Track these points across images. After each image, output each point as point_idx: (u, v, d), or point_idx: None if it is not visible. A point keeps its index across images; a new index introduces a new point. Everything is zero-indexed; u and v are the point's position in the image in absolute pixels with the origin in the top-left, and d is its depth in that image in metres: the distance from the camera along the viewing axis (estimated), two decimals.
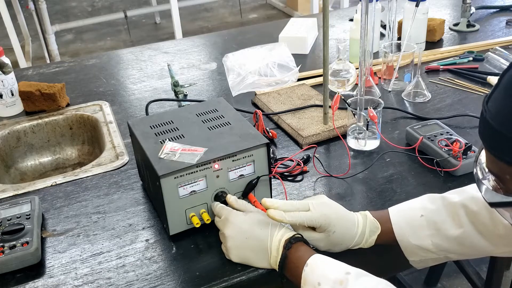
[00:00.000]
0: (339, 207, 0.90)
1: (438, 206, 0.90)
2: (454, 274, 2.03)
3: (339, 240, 0.88)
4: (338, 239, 0.88)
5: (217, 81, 1.59)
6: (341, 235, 0.87)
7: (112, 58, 1.81)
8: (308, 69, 1.60)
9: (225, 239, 0.88)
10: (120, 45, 4.59)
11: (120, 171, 1.18)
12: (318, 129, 1.25)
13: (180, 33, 3.77)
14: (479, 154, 0.67)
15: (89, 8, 5.53)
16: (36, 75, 1.68)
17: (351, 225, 0.88)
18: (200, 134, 1.00)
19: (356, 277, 0.75)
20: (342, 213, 0.89)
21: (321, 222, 0.86)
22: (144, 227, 1.00)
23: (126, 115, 1.42)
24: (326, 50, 1.18)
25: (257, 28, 2.11)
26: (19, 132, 1.39)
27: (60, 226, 1.02)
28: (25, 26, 4.21)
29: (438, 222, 0.89)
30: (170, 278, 0.88)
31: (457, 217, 0.88)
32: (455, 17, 1.94)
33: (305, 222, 0.85)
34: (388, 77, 1.48)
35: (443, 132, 1.17)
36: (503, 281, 1.46)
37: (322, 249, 0.88)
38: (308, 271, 0.79)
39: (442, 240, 0.88)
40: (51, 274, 0.91)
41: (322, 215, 0.86)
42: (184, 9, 4.68)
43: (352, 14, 1.87)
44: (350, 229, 0.88)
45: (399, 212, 0.92)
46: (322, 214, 0.86)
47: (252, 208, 0.92)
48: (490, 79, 1.45)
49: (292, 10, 4.89)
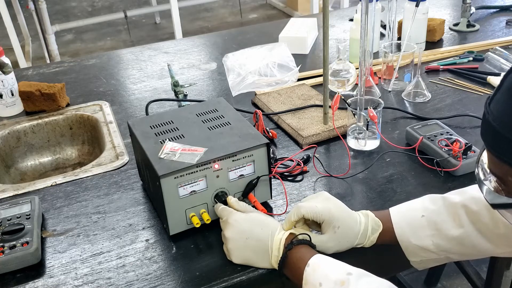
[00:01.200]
0: (341, 203, 0.90)
1: (439, 207, 0.90)
2: (454, 274, 2.03)
3: (345, 236, 0.88)
4: (344, 235, 0.87)
5: (217, 81, 1.59)
6: (345, 231, 0.87)
7: (112, 58, 1.81)
8: (308, 69, 1.60)
9: (226, 240, 0.88)
10: (120, 45, 4.59)
11: (120, 171, 1.18)
12: (318, 129, 1.25)
13: (180, 33, 3.77)
14: (481, 154, 0.67)
15: (89, 8, 5.53)
16: (36, 75, 1.68)
17: (353, 222, 0.89)
18: (200, 134, 1.00)
19: (358, 277, 0.75)
20: (344, 208, 0.90)
21: (325, 217, 0.86)
22: (144, 227, 1.00)
23: (126, 115, 1.42)
24: (326, 50, 1.18)
25: (257, 28, 2.11)
26: (19, 132, 1.39)
27: (60, 226, 1.02)
28: (25, 26, 4.21)
29: (439, 222, 0.89)
30: (170, 278, 0.88)
31: (457, 217, 0.88)
32: (455, 17, 1.94)
33: (310, 215, 0.86)
34: (388, 77, 1.48)
35: (443, 132, 1.17)
36: (503, 281, 1.46)
37: (331, 251, 0.88)
38: (309, 271, 0.79)
39: (443, 240, 0.88)
40: (51, 274, 0.91)
41: (325, 209, 0.86)
42: (184, 9, 4.68)
43: (352, 14, 1.87)
44: (353, 226, 0.88)
45: (400, 213, 0.92)
46: (325, 208, 0.87)
47: (253, 210, 0.92)
48: (490, 79, 1.45)
49: (292, 10, 4.89)
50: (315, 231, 0.91)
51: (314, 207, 0.87)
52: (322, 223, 0.87)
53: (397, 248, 0.91)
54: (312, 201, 0.90)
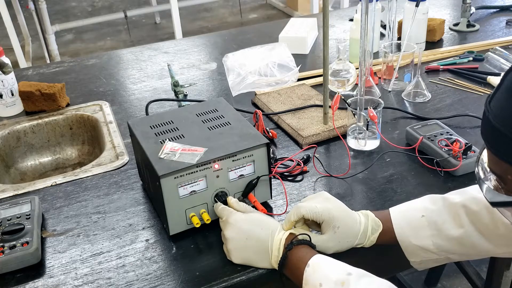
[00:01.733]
0: (341, 203, 0.90)
1: (439, 207, 0.90)
2: (454, 274, 2.03)
3: (345, 236, 0.88)
4: (343, 235, 0.87)
5: (217, 81, 1.59)
6: (345, 231, 0.87)
7: (112, 58, 1.81)
8: (308, 69, 1.60)
9: (226, 240, 0.88)
10: (120, 45, 4.59)
11: (120, 171, 1.18)
12: (318, 129, 1.25)
13: (180, 33, 3.77)
14: (481, 153, 0.67)
15: (89, 8, 5.53)
16: (36, 75, 1.68)
17: (353, 222, 0.89)
18: (200, 134, 1.00)
19: (358, 278, 0.75)
20: (344, 208, 0.90)
21: (325, 217, 0.86)
22: (144, 227, 1.00)
23: (126, 115, 1.42)
24: (326, 50, 1.18)
25: (257, 28, 2.11)
26: (19, 132, 1.39)
27: (60, 226, 1.02)
28: (25, 26, 4.21)
29: (439, 222, 0.89)
30: (170, 278, 0.88)
31: (457, 218, 0.88)
32: (455, 17, 1.94)
33: (310, 215, 0.86)
34: (388, 77, 1.48)
35: (443, 132, 1.17)
36: (503, 281, 1.46)
37: (331, 251, 0.88)
38: (309, 271, 0.79)
39: (443, 241, 0.88)
40: (51, 274, 0.91)
41: (325, 209, 0.86)
42: (184, 9, 4.68)
43: (352, 14, 1.87)
44: (353, 225, 0.88)
45: (400, 213, 0.92)
46: (325, 208, 0.87)
47: (253, 210, 0.92)
48: (490, 79, 1.45)
49: (292, 10, 4.89)
50: (315, 231, 0.91)
51: (314, 207, 0.87)
52: (322, 223, 0.87)
53: (397, 248, 0.91)
54: (312, 201, 0.90)
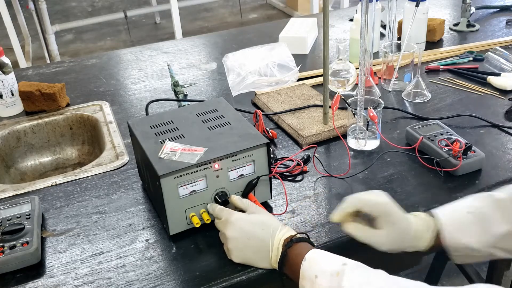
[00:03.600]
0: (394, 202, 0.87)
1: (485, 203, 0.87)
2: (454, 274, 2.03)
3: (401, 233, 0.85)
4: (400, 233, 0.85)
5: (217, 81, 1.59)
6: (402, 229, 0.85)
7: (112, 58, 1.81)
8: (308, 69, 1.60)
9: (226, 240, 0.88)
10: (120, 45, 4.59)
11: (120, 171, 1.18)
12: (318, 129, 1.25)
13: (180, 33, 3.77)
14: None
15: (89, 8, 5.53)
16: (36, 75, 1.68)
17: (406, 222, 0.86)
18: (200, 134, 1.00)
19: (353, 268, 0.75)
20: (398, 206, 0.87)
21: (382, 210, 0.84)
22: (144, 227, 1.00)
23: (126, 115, 1.42)
24: (326, 50, 1.18)
25: (257, 28, 2.11)
26: (19, 132, 1.39)
27: (60, 226, 1.02)
28: (25, 26, 4.21)
29: (485, 218, 0.86)
30: (170, 278, 0.88)
31: (505, 213, 0.85)
32: (455, 17, 1.94)
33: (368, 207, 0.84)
34: (388, 77, 1.48)
35: (443, 132, 1.17)
36: (503, 281, 1.46)
37: (384, 247, 0.85)
38: (306, 265, 0.79)
39: (489, 237, 0.86)
40: (51, 274, 0.91)
41: (383, 202, 0.84)
42: (184, 9, 4.68)
43: (352, 14, 1.87)
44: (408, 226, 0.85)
45: (444, 211, 0.89)
46: (383, 201, 0.85)
47: (255, 207, 0.92)
48: (490, 79, 1.45)
49: (292, 10, 4.89)
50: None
51: (372, 199, 0.85)
52: (377, 217, 0.85)
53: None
54: (366, 195, 0.87)
